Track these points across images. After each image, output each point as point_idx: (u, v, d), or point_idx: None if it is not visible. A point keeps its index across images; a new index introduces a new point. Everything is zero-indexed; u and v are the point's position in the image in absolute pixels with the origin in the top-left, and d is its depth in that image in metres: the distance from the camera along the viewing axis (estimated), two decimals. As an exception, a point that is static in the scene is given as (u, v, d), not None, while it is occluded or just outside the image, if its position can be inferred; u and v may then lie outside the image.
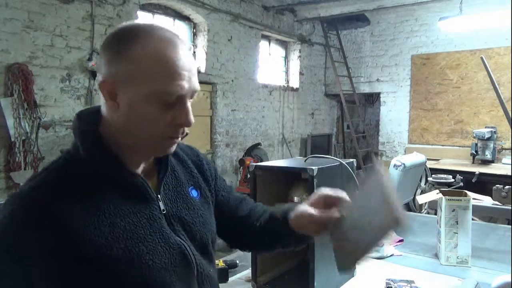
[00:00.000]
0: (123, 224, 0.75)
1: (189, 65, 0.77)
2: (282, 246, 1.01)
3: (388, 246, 1.74)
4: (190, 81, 0.77)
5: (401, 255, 1.71)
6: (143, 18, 4.65)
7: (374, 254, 1.68)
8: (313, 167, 1.20)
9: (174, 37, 0.80)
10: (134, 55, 0.74)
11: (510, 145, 5.63)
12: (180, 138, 0.81)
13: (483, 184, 4.33)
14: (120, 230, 0.74)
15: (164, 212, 0.82)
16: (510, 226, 2.14)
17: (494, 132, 5.39)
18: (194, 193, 0.92)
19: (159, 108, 0.75)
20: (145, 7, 4.66)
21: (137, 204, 0.78)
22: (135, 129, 0.77)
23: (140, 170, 0.83)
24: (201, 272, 0.85)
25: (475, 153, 5.40)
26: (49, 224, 0.68)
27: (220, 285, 0.97)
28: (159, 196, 0.83)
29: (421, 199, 2.24)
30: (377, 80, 7.18)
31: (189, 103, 0.78)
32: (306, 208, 0.91)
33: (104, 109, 0.80)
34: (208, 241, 0.90)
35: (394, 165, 2.07)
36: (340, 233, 0.86)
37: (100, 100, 0.80)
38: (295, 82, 7.09)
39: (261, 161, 5.36)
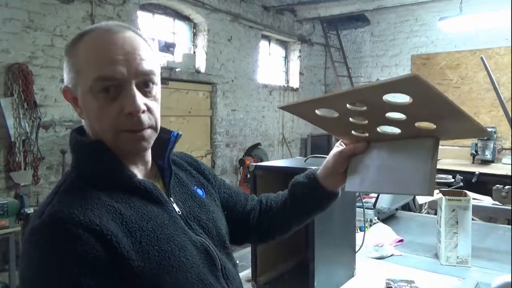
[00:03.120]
0: (151, 227, 0.74)
1: (127, 48, 0.73)
2: (317, 207, 0.98)
3: (388, 246, 1.74)
4: (128, 64, 0.73)
5: (401, 255, 1.71)
6: (143, 18, 4.66)
7: (374, 254, 1.68)
8: (313, 167, 1.20)
9: (115, 27, 0.76)
10: (75, 54, 0.75)
11: (510, 145, 5.63)
12: (143, 130, 0.76)
13: (483, 184, 4.32)
14: (150, 233, 0.73)
15: (180, 213, 0.82)
16: (510, 226, 2.13)
17: (494, 132, 5.39)
18: (200, 192, 0.92)
19: (103, 100, 0.73)
20: (145, 7, 4.65)
21: (155, 208, 0.78)
22: (96, 128, 0.76)
23: (142, 175, 0.82)
24: (224, 267, 0.85)
25: (475, 153, 5.40)
26: (94, 237, 0.67)
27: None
28: (171, 198, 0.83)
29: (421, 199, 2.24)
30: (377, 80, 7.18)
31: (135, 90, 0.74)
32: (331, 154, 0.92)
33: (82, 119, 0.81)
34: (224, 236, 0.91)
35: (394, 165, 2.06)
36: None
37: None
38: (295, 82, 7.09)
39: (261, 161, 5.36)
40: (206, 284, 0.78)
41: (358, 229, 1.74)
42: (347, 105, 0.73)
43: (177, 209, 0.82)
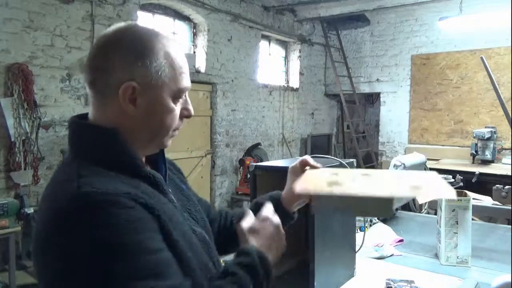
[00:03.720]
0: (168, 212, 0.78)
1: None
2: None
3: (388, 246, 1.74)
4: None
5: (401, 255, 1.71)
6: (143, 18, 4.66)
7: (374, 254, 1.68)
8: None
9: (173, 38, 0.88)
10: (156, 58, 0.79)
11: (510, 145, 5.63)
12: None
13: (483, 184, 4.33)
14: (170, 217, 0.78)
15: (176, 205, 0.86)
16: (510, 226, 2.14)
17: (494, 132, 5.39)
18: (183, 187, 0.99)
19: (175, 104, 0.83)
20: (145, 7, 4.66)
21: (161, 197, 0.81)
22: (156, 127, 0.82)
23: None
24: (216, 256, 0.91)
25: (475, 153, 5.40)
26: (146, 211, 0.72)
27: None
28: (169, 189, 0.87)
29: (421, 199, 2.24)
30: (377, 80, 7.18)
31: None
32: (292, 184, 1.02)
33: (99, 113, 0.81)
34: (209, 226, 0.98)
35: (394, 165, 2.07)
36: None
37: (93, 107, 0.82)
38: (295, 82, 7.09)
39: (261, 161, 5.36)
40: (208, 269, 0.84)
41: (358, 229, 1.74)
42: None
43: (174, 200, 0.87)
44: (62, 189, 0.72)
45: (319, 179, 0.93)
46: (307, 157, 1.07)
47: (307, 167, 1.04)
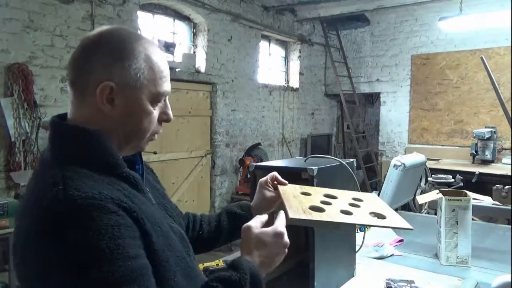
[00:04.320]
0: (147, 211, 0.79)
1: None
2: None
3: (388, 246, 1.74)
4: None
5: (401, 255, 1.71)
6: (143, 18, 4.66)
7: (374, 254, 1.68)
8: (313, 167, 1.20)
9: (153, 41, 0.90)
10: (136, 60, 0.80)
11: (510, 145, 5.63)
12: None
13: (483, 184, 4.33)
14: (149, 216, 0.78)
15: (154, 202, 0.89)
16: (510, 226, 2.14)
17: (494, 132, 5.39)
18: (158, 186, 1.02)
19: (153, 107, 0.84)
20: (145, 7, 4.65)
21: (140, 195, 0.83)
22: (132, 127, 0.83)
23: None
24: (191, 248, 0.93)
25: (475, 153, 5.40)
26: (128, 215, 0.72)
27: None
28: (147, 188, 0.88)
29: (421, 199, 2.24)
30: (377, 80, 7.18)
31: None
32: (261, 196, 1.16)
33: (78, 112, 0.82)
34: (183, 224, 1.03)
35: (394, 165, 2.07)
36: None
37: (73, 106, 0.83)
38: (295, 82, 7.09)
39: (261, 161, 5.36)
40: (187, 262, 0.86)
41: (358, 229, 1.74)
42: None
43: (152, 198, 0.89)
44: (47, 191, 0.72)
45: (298, 203, 1.00)
46: (275, 173, 1.16)
47: (275, 182, 1.15)
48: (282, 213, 0.93)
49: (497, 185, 3.26)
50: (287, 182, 1.15)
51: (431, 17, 6.34)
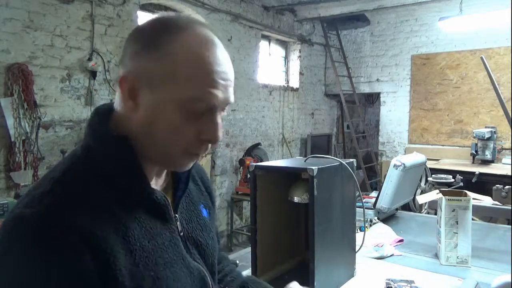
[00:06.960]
0: (151, 247, 0.67)
1: (226, 70, 0.70)
2: None
3: (388, 246, 1.74)
4: (225, 91, 0.69)
5: (401, 255, 1.71)
6: (143, 18, 4.66)
7: (374, 254, 1.68)
8: (313, 167, 1.20)
9: (215, 38, 0.70)
10: (167, 53, 0.65)
11: (510, 145, 5.63)
12: (201, 156, 0.72)
13: (483, 184, 4.33)
14: (149, 254, 0.66)
15: (181, 234, 0.75)
16: (510, 226, 2.14)
17: (494, 132, 5.39)
18: (204, 213, 0.86)
19: (185, 118, 0.66)
20: (145, 7, 4.66)
21: (159, 224, 0.71)
22: (154, 137, 0.67)
23: (156, 184, 0.75)
24: None
25: (475, 153, 5.40)
26: (90, 250, 0.58)
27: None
28: (176, 215, 0.76)
29: (421, 199, 2.24)
30: (377, 80, 7.18)
31: (219, 117, 0.69)
32: None
33: (119, 108, 0.70)
34: (216, 265, 0.86)
35: (394, 165, 2.07)
36: None
37: (116, 97, 0.71)
38: (295, 82, 7.09)
39: (261, 161, 5.36)
40: None
41: (358, 229, 1.74)
42: None
43: (179, 228, 0.75)
44: (28, 197, 0.63)
45: None
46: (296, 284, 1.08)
47: None
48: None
49: (497, 185, 3.27)
50: None
51: (431, 17, 6.34)
